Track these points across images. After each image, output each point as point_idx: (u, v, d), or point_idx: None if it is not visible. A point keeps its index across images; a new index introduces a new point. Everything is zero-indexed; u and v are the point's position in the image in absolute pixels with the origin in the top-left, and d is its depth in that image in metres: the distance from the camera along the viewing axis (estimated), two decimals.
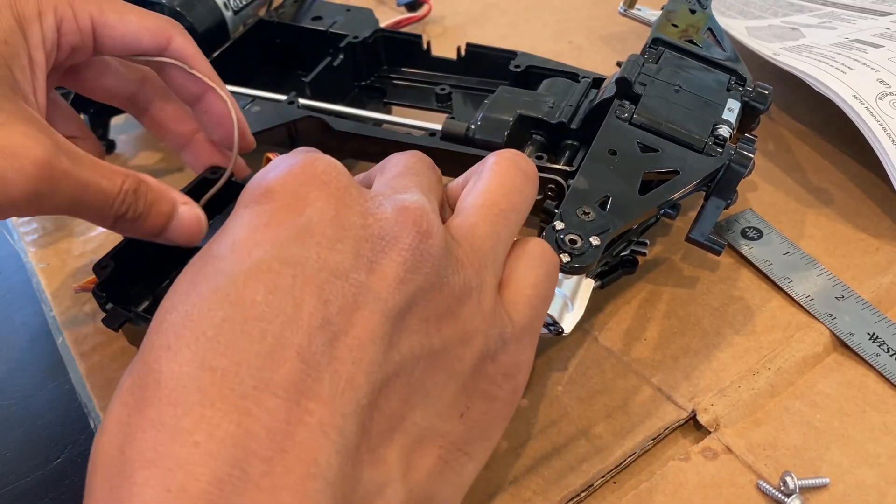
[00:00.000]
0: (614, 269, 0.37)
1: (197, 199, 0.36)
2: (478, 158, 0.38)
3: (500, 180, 0.26)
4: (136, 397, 0.19)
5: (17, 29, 0.28)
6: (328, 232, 0.21)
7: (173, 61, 0.33)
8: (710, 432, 0.31)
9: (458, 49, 0.47)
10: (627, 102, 0.36)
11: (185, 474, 0.17)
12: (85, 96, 0.35)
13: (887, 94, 0.40)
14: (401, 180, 0.24)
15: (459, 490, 0.23)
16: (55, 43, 0.30)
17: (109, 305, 0.33)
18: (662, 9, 0.43)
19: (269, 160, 0.37)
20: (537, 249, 0.26)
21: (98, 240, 0.42)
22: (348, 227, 0.21)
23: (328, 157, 0.23)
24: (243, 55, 0.48)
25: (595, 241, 0.29)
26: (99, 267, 0.33)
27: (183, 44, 0.33)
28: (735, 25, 0.49)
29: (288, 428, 0.18)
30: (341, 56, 0.46)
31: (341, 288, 0.20)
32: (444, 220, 0.24)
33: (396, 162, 0.26)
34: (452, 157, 0.39)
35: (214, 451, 0.17)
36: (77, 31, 0.30)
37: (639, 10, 0.48)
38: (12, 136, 0.25)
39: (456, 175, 0.43)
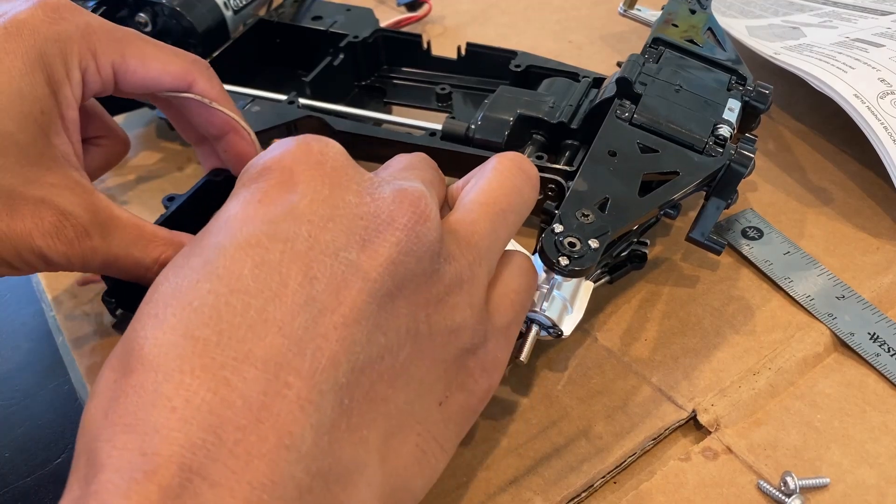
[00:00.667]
0: (623, 265, 0.37)
1: (202, 200, 0.36)
2: (478, 158, 0.38)
3: (502, 181, 0.26)
4: (123, 363, 0.19)
5: (50, 95, 0.28)
6: (321, 210, 0.21)
7: (195, 96, 0.33)
8: (710, 432, 0.31)
9: (459, 49, 0.46)
10: (628, 102, 0.36)
11: (161, 438, 0.17)
12: None
13: (888, 94, 0.40)
14: (402, 173, 0.25)
15: (428, 484, 0.24)
16: (81, 95, 0.30)
17: (119, 311, 0.33)
18: (662, 9, 0.43)
19: None
20: (524, 262, 0.27)
21: None
22: (342, 206, 0.22)
23: (327, 139, 0.24)
24: (243, 55, 0.48)
25: (594, 243, 0.29)
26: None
27: (205, 87, 0.33)
28: (735, 25, 0.49)
29: (265, 399, 0.18)
30: (341, 56, 0.46)
31: (330, 266, 0.20)
32: (443, 218, 0.25)
33: (400, 160, 0.27)
34: (452, 156, 0.39)
35: (190, 417, 0.18)
36: (99, 80, 0.30)
37: (639, 10, 0.48)
38: (51, 216, 0.27)
39: (456, 175, 0.43)
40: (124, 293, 0.33)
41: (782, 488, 0.29)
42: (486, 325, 0.24)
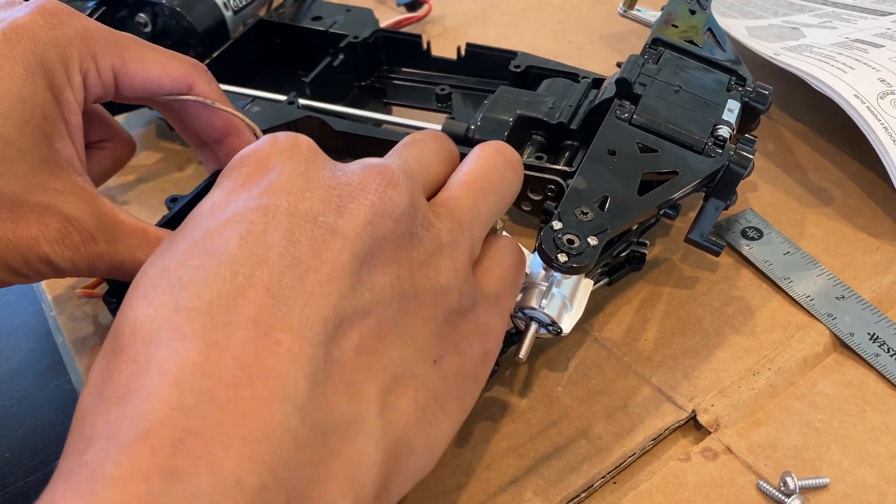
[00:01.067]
0: (622, 266, 0.37)
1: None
2: None
3: (482, 164, 0.28)
4: (114, 345, 0.20)
5: (52, 100, 0.28)
6: (298, 182, 0.23)
7: (196, 98, 0.33)
8: (710, 432, 0.31)
9: (458, 49, 0.47)
10: (627, 103, 0.36)
11: (152, 403, 0.18)
12: None
13: (888, 94, 0.40)
14: (391, 152, 0.27)
15: (433, 448, 0.24)
16: (83, 99, 0.30)
17: None
18: (662, 9, 0.43)
19: None
20: (509, 242, 0.28)
21: None
22: (317, 179, 0.23)
23: (299, 133, 0.25)
24: (243, 55, 0.48)
25: (593, 241, 0.29)
26: None
27: (205, 89, 0.33)
28: (735, 25, 0.49)
29: (256, 357, 0.19)
30: (341, 56, 0.46)
31: (311, 230, 0.21)
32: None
33: (406, 138, 0.28)
34: None
35: (182, 381, 0.18)
36: (100, 84, 0.31)
37: (639, 10, 0.48)
38: (56, 222, 0.28)
39: None
40: (124, 294, 0.33)
41: (782, 488, 0.29)
42: (474, 291, 0.25)
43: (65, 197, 0.28)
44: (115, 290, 0.33)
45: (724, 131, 0.35)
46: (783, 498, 0.28)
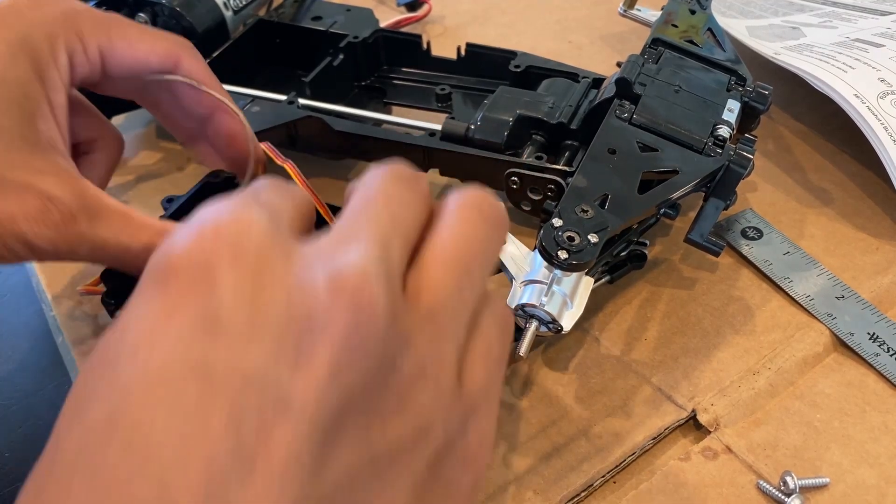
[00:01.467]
0: (623, 264, 0.37)
1: (201, 201, 0.36)
2: (478, 159, 0.38)
3: (463, 230, 0.21)
4: None
5: (35, 78, 0.28)
6: (241, 320, 0.17)
7: (181, 78, 0.33)
8: (710, 432, 0.31)
9: (458, 49, 0.46)
10: (627, 102, 0.36)
11: None
12: (91, 91, 0.35)
13: (888, 93, 0.40)
14: (354, 224, 0.20)
15: None
16: (69, 79, 0.30)
17: (119, 312, 0.33)
18: (662, 9, 0.43)
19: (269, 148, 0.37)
20: (498, 308, 0.23)
21: None
22: (268, 312, 0.17)
23: (249, 209, 0.19)
24: (243, 55, 0.48)
25: (593, 238, 0.29)
26: (107, 274, 0.33)
27: (192, 65, 0.33)
28: (735, 25, 0.49)
29: None
30: (341, 56, 0.46)
31: (257, 399, 0.16)
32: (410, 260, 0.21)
33: (362, 191, 0.21)
34: (452, 157, 0.39)
35: None
36: (87, 63, 0.30)
37: (639, 10, 0.48)
38: (36, 200, 0.27)
39: (455, 175, 0.42)
40: (124, 295, 0.33)
41: (782, 488, 0.29)
42: (462, 404, 0.20)
43: (45, 176, 0.27)
44: (115, 291, 0.33)
45: (724, 131, 0.35)
46: (783, 497, 0.28)
